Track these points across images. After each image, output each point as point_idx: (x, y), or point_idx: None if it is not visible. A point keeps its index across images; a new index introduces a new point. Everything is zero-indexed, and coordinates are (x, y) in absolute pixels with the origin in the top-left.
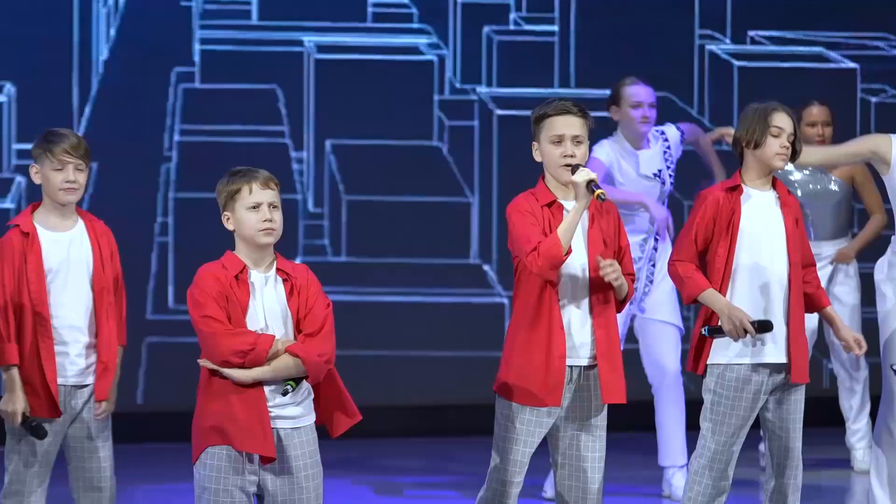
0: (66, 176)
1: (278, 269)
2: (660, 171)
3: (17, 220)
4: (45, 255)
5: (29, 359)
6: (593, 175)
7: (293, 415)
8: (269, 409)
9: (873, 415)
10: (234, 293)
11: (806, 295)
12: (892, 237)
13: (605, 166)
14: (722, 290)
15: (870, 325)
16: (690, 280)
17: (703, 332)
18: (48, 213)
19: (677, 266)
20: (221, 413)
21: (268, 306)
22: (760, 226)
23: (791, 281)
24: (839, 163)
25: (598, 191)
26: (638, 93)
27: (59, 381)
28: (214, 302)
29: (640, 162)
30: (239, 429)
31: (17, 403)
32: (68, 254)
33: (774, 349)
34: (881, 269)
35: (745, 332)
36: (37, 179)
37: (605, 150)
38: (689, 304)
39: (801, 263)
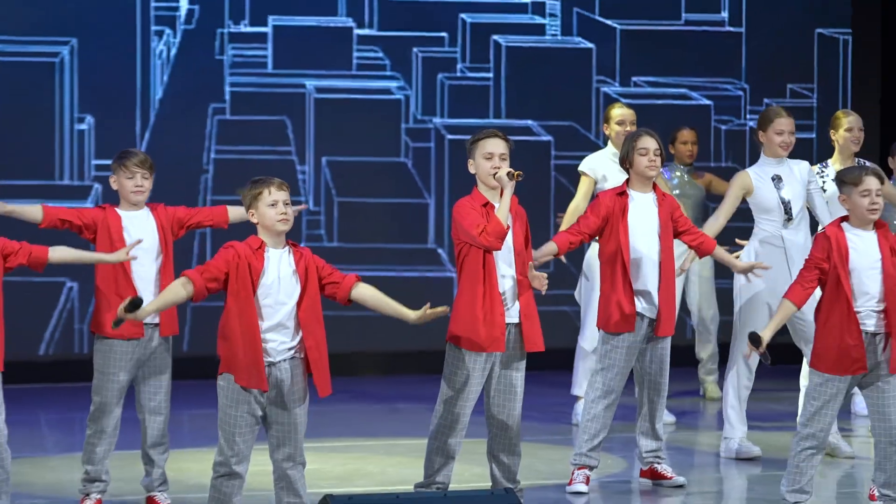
0: (135, 182)
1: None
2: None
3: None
4: (125, 224)
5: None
6: (509, 168)
7: (290, 346)
8: (271, 350)
9: (721, 358)
10: (252, 261)
11: (693, 246)
12: (754, 229)
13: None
14: (619, 265)
15: (720, 294)
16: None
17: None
18: (124, 209)
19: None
20: (229, 351)
21: (282, 272)
22: (640, 219)
23: (662, 257)
24: (730, 213)
25: (516, 172)
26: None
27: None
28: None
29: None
30: (240, 367)
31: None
32: (143, 226)
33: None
34: (748, 256)
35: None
36: (114, 186)
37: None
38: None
39: (679, 233)
